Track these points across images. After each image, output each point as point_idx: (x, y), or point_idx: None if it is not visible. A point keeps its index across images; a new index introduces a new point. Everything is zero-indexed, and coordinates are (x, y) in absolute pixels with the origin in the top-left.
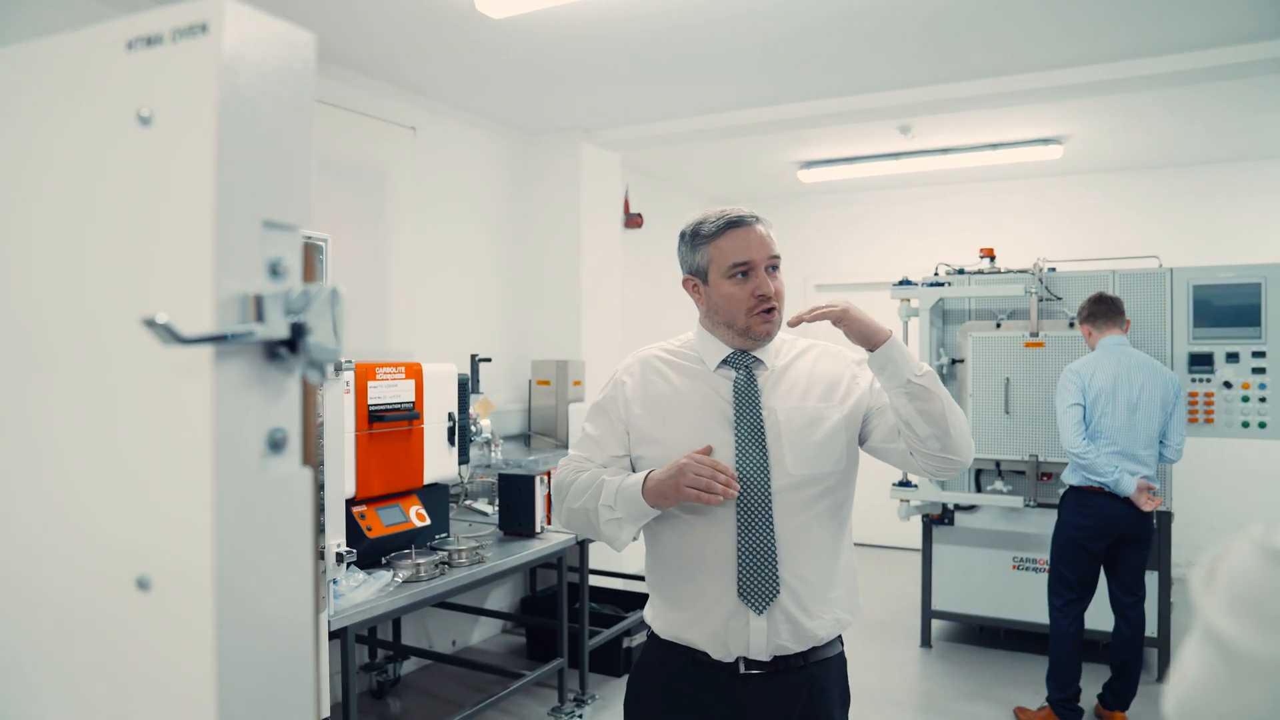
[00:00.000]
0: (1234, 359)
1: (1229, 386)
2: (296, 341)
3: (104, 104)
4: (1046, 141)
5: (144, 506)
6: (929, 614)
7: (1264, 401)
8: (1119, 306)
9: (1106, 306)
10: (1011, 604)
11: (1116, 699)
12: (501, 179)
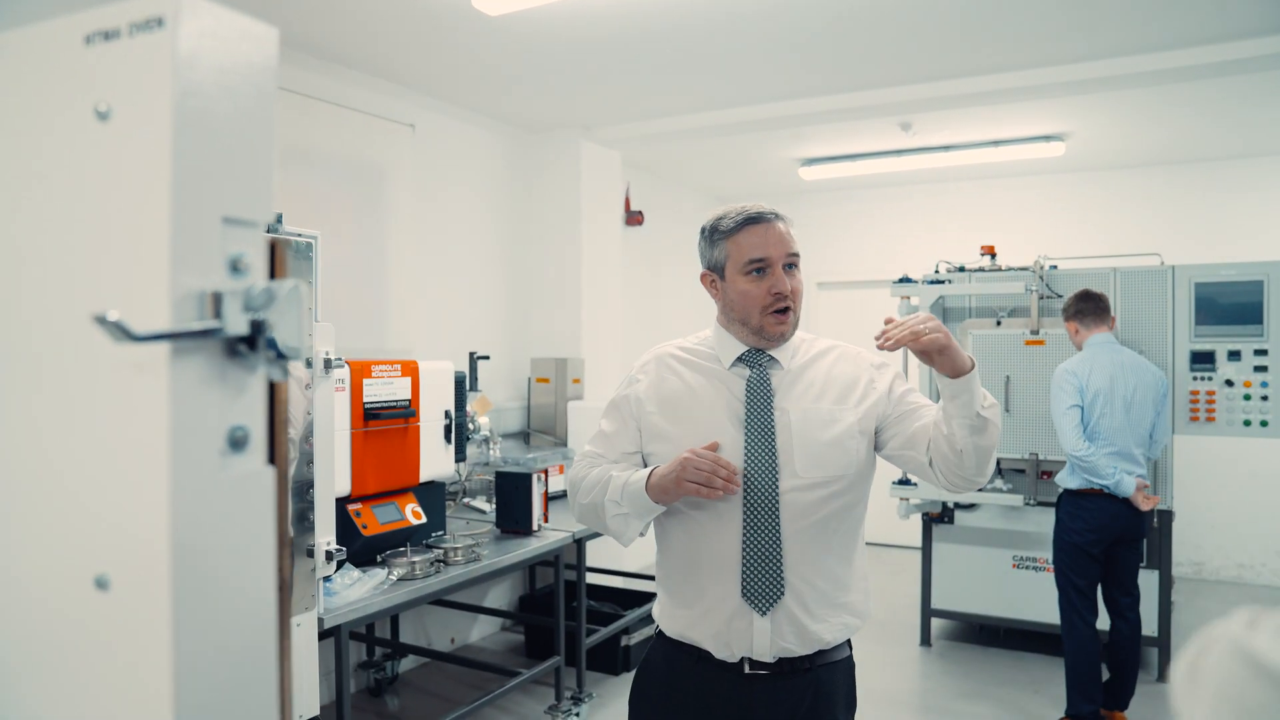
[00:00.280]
0: (1236, 357)
1: (1231, 385)
2: (256, 339)
3: (62, 99)
4: (1048, 138)
5: (102, 505)
6: (929, 612)
7: (1266, 400)
8: (1105, 303)
9: (1093, 303)
10: (1011, 603)
11: (1115, 699)
12: (501, 176)
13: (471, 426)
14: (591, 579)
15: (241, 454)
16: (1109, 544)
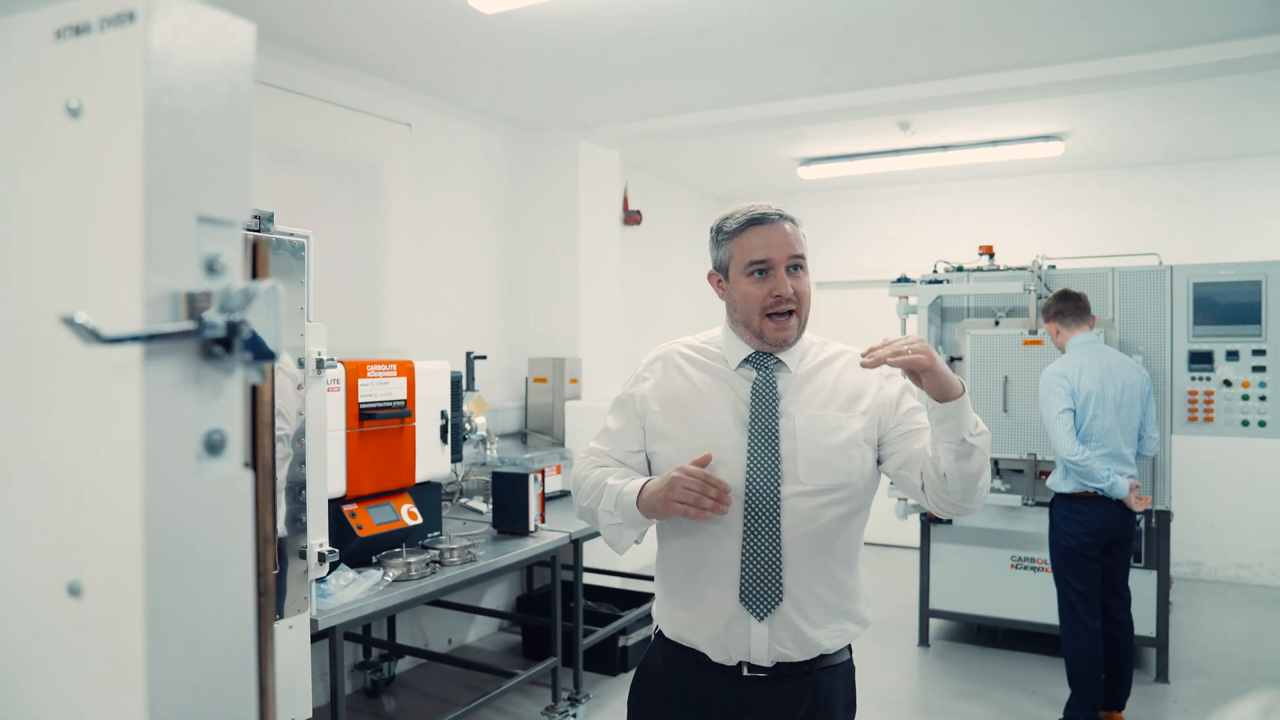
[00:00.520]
0: (1234, 357)
1: (1229, 385)
2: (233, 340)
3: (32, 95)
4: (1047, 138)
5: (75, 510)
6: (927, 613)
7: (1264, 400)
8: (1085, 303)
9: (1073, 303)
10: (1009, 603)
11: (1113, 700)
12: (499, 175)
13: (468, 426)
14: (589, 579)
15: (218, 458)
16: (1105, 546)
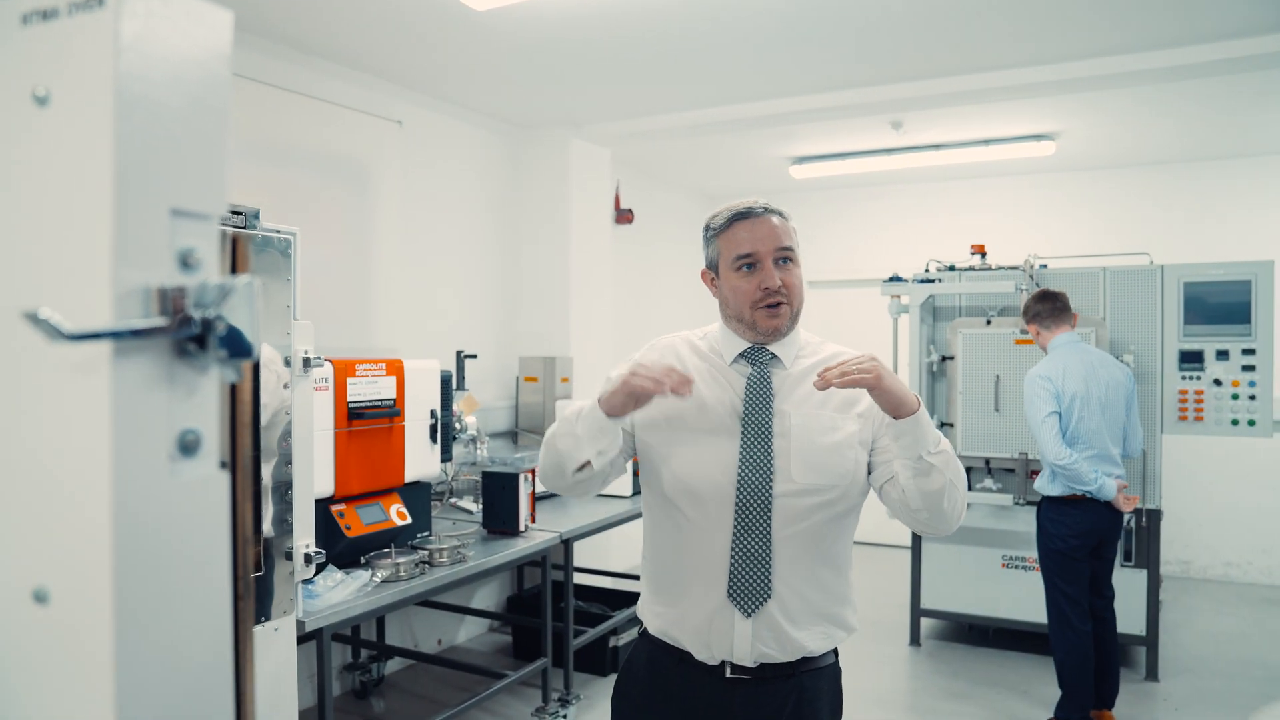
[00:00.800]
0: (1224, 356)
1: (1219, 384)
2: (207, 337)
3: None
4: (1039, 138)
5: (42, 514)
6: (918, 612)
7: (1253, 399)
8: (1064, 302)
9: (1052, 303)
10: (1000, 602)
11: (1102, 699)
12: (490, 173)
13: (458, 426)
14: (579, 579)
15: (193, 458)
16: (1093, 548)
